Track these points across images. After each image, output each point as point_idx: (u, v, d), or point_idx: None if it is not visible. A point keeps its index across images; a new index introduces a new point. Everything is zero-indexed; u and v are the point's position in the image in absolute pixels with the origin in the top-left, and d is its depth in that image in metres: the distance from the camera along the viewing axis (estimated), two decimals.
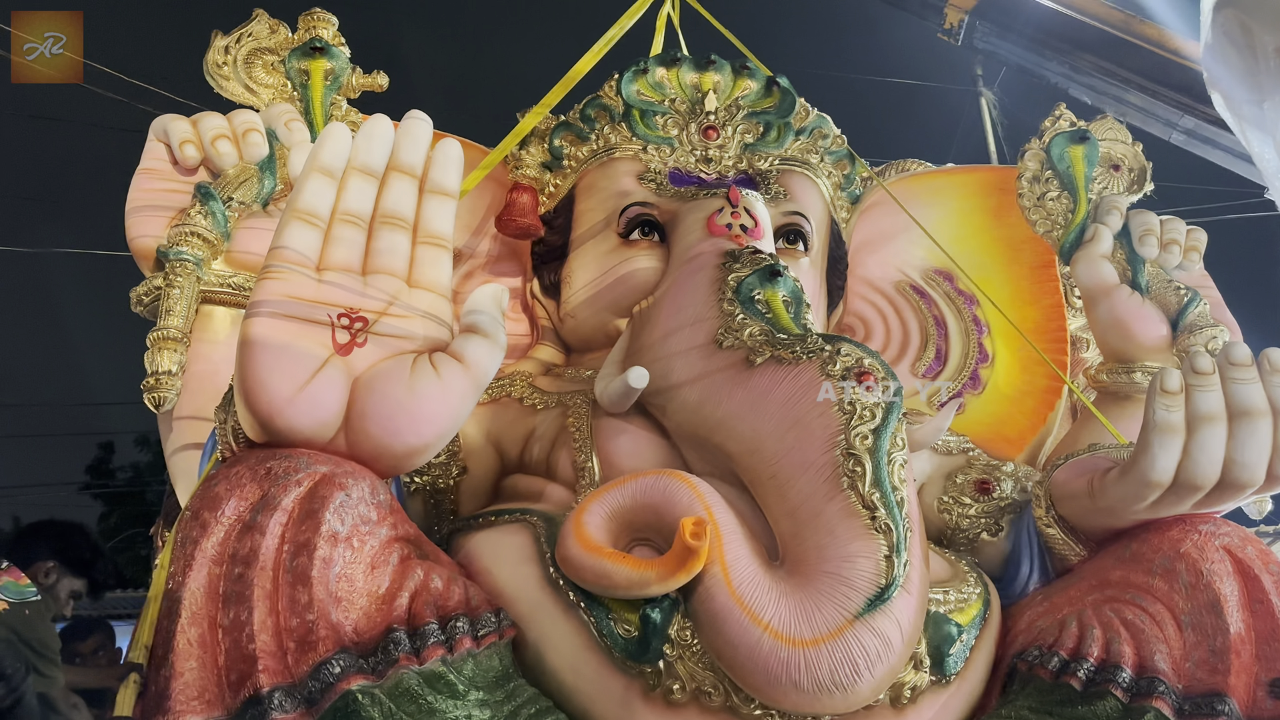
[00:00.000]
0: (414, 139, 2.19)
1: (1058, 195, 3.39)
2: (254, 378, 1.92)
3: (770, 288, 2.43)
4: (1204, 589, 2.10)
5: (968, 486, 2.77)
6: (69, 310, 14.13)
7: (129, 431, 17.21)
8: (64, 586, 2.05)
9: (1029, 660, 2.15)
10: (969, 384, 3.27)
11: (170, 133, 2.77)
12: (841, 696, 1.84)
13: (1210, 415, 2.10)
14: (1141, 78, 5.01)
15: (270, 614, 1.77)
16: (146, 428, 16.81)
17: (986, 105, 8.18)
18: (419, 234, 2.17)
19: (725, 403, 2.23)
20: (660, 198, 2.97)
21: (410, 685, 1.77)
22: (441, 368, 2.02)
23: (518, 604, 2.09)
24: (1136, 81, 5.07)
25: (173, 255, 2.53)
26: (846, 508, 1.95)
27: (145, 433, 16.99)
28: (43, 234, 13.65)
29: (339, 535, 1.84)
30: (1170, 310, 3.10)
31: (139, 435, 17.12)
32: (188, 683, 1.72)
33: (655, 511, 2.04)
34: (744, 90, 3.27)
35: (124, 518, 16.50)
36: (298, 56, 3.06)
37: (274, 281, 1.99)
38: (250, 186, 2.71)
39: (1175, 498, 2.17)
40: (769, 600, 1.89)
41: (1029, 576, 2.54)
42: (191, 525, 1.84)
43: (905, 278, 3.46)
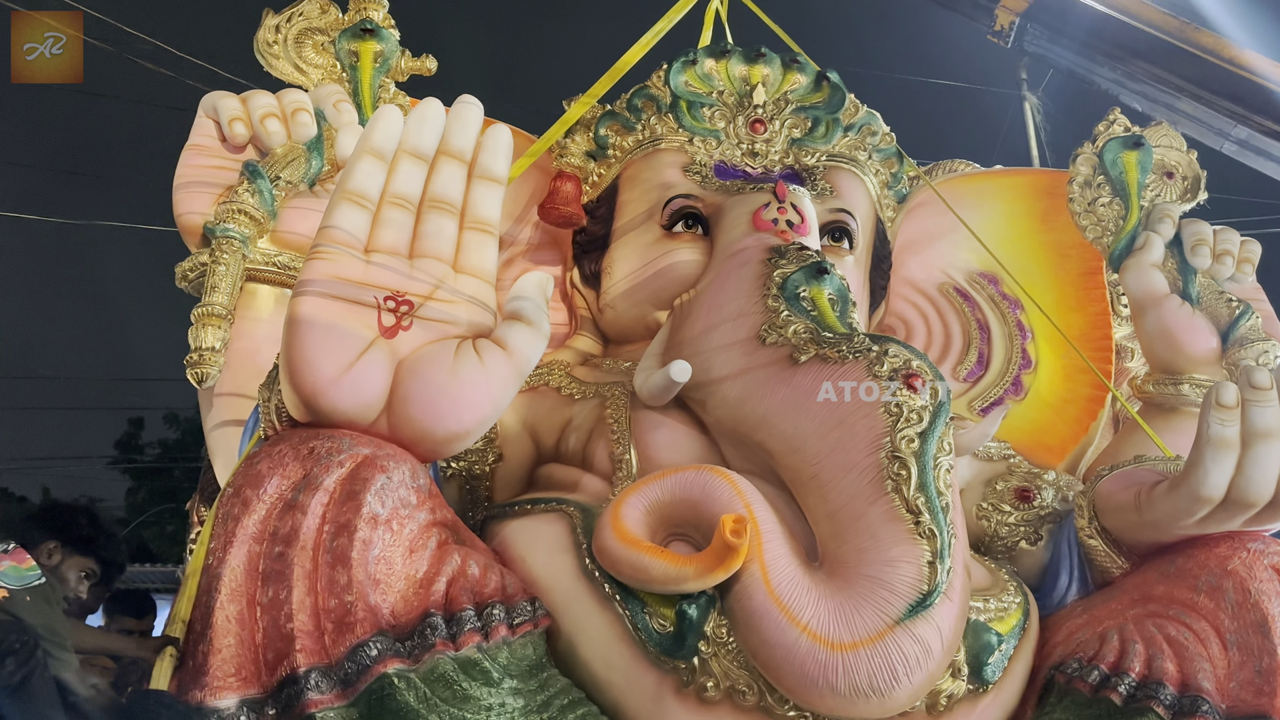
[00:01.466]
0: (465, 124, 2.19)
1: (1109, 201, 3.32)
2: (300, 357, 1.92)
3: (816, 285, 2.40)
4: (1251, 608, 2.05)
5: (1008, 494, 2.74)
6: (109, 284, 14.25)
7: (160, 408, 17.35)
8: (71, 566, 2.06)
9: (1068, 673, 2.12)
10: (1011, 389, 3.22)
11: (219, 110, 2.78)
12: (878, 702, 1.82)
13: (1267, 432, 2.05)
14: (1195, 86, 4.91)
15: (309, 594, 1.77)
16: (178, 404, 16.91)
17: (1030, 109, 8.07)
18: (466, 219, 2.17)
19: (767, 400, 2.21)
20: (705, 190, 2.95)
21: (446, 671, 1.77)
22: (485, 354, 2.02)
23: (552, 593, 2.08)
24: (1189, 90, 4.97)
25: (219, 232, 2.55)
26: (890, 511, 1.92)
27: (175, 409, 17.10)
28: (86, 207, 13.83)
29: (379, 518, 1.84)
30: (1221, 322, 3.04)
31: (169, 412, 17.26)
32: (225, 659, 1.73)
33: (694, 507, 2.02)
34: (793, 84, 3.23)
35: (151, 493, 16.63)
36: (348, 38, 3.06)
37: (322, 262, 1.99)
38: (298, 166, 2.72)
39: (1226, 514, 2.12)
40: (808, 601, 1.87)
41: (1068, 587, 2.50)
42: (233, 502, 1.84)
43: (949, 279, 3.41)
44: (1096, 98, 5.58)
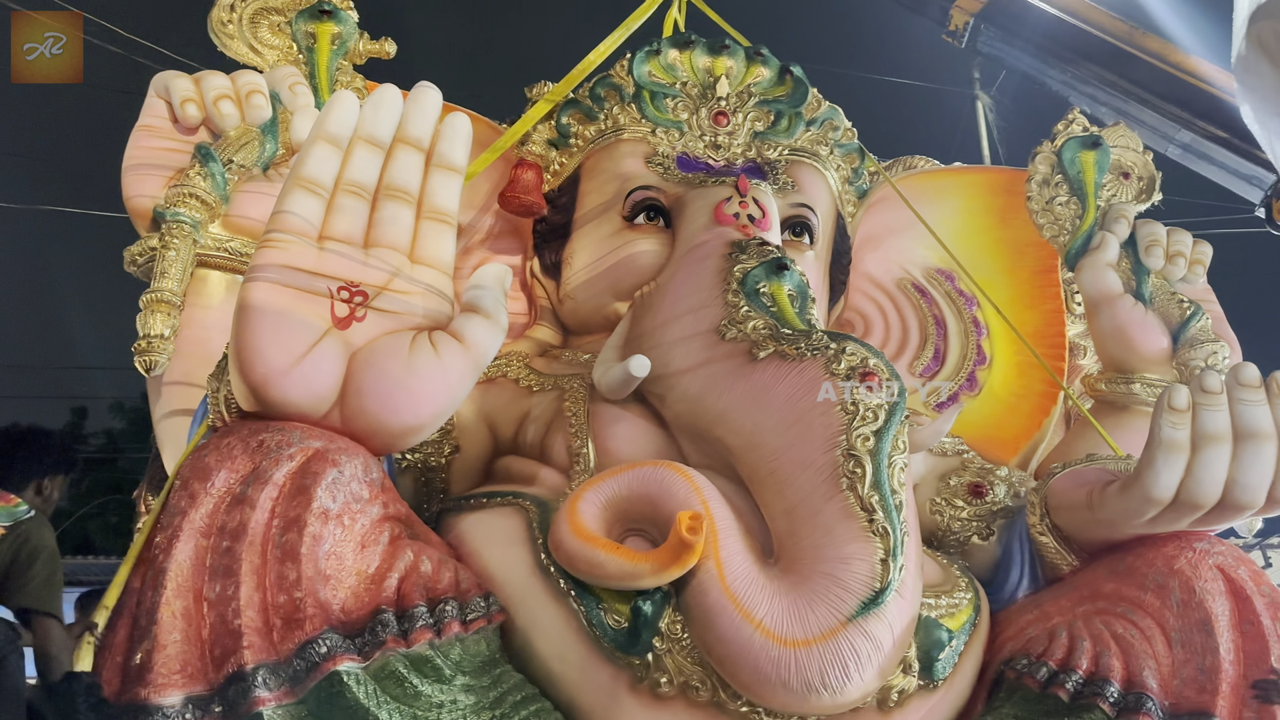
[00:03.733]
0: (423, 111, 2.14)
1: (1066, 200, 3.36)
2: (250, 347, 1.88)
3: (776, 281, 2.40)
4: (1196, 607, 2.09)
5: (961, 489, 2.76)
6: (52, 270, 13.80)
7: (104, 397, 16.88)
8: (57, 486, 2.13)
9: (1017, 669, 2.14)
10: (966, 385, 3.25)
11: (172, 90, 2.71)
12: (830, 698, 1.83)
13: (1216, 435, 2.08)
14: (1142, 90, 4.99)
15: (258, 590, 1.74)
16: (122, 393, 16.46)
17: (983, 109, 8.15)
18: (423, 208, 2.13)
19: (726, 395, 2.21)
20: (667, 182, 2.93)
21: (396, 668, 1.74)
22: (441, 347, 1.99)
23: (507, 588, 2.07)
24: (1136, 94, 5.04)
25: (170, 216, 2.48)
26: (845, 509, 1.93)
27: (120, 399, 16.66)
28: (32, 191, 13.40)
29: (330, 512, 1.80)
30: (1172, 323, 3.08)
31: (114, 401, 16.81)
32: (170, 655, 1.69)
33: (651, 503, 2.02)
34: (757, 77, 3.23)
35: (96, 484, 16.15)
36: (305, 19, 3.00)
37: (274, 249, 1.94)
38: (251, 149, 2.65)
39: (1175, 515, 2.16)
40: (762, 598, 1.87)
41: (1019, 582, 2.53)
42: (180, 495, 1.80)
43: (907, 275, 3.43)
44: (1048, 99, 5.65)
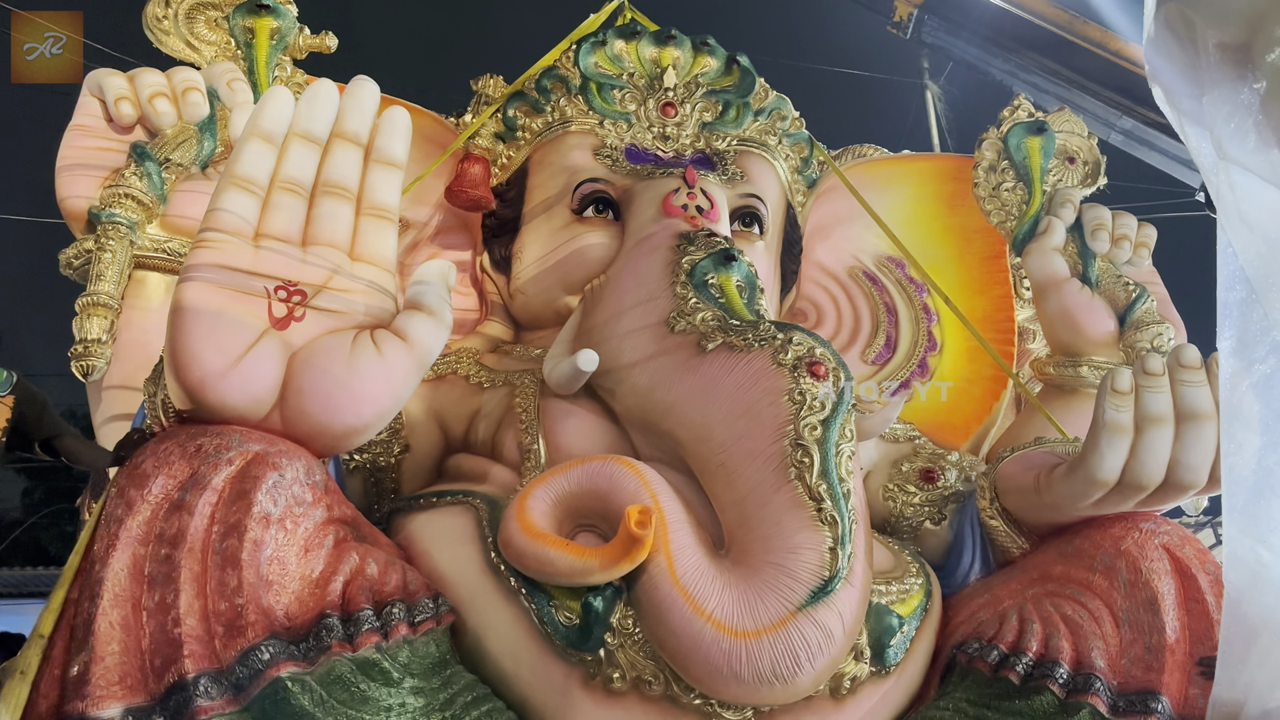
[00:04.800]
0: (360, 105, 2.11)
1: (1013, 186, 3.39)
2: (186, 349, 1.84)
3: (724, 272, 2.39)
4: (1142, 587, 2.11)
5: (913, 475, 2.78)
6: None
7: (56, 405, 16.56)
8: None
9: (969, 652, 2.16)
10: (917, 371, 3.27)
11: (105, 88, 2.65)
12: (782, 688, 1.83)
13: (1159, 417, 2.10)
14: (1083, 78, 5.05)
15: (198, 597, 1.70)
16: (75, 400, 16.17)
17: (931, 98, 8.19)
18: (363, 205, 2.09)
19: (675, 388, 2.20)
20: (615, 174, 2.92)
21: (342, 673, 1.72)
22: (383, 345, 1.96)
23: (458, 588, 2.05)
24: (1078, 82, 5.11)
25: (105, 217, 2.43)
26: (793, 498, 1.93)
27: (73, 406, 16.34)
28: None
29: (271, 517, 1.77)
30: (1119, 305, 3.12)
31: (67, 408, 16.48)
32: (109, 667, 1.65)
33: (601, 498, 2.00)
34: (704, 67, 3.22)
35: (49, 492, 15.79)
36: (242, 13, 2.94)
37: (208, 249, 1.90)
38: (189, 148, 2.61)
39: (1120, 496, 2.18)
40: (713, 590, 1.87)
41: (970, 566, 2.56)
42: (116, 503, 1.76)
43: (858, 263, 3.45)
44: (993, 88, 5.71)
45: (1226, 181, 1.30)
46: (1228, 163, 1.28)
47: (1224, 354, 1.60)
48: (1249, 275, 1.37)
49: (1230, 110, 1.29)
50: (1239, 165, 1.27)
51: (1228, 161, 1.28)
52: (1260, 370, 1.40)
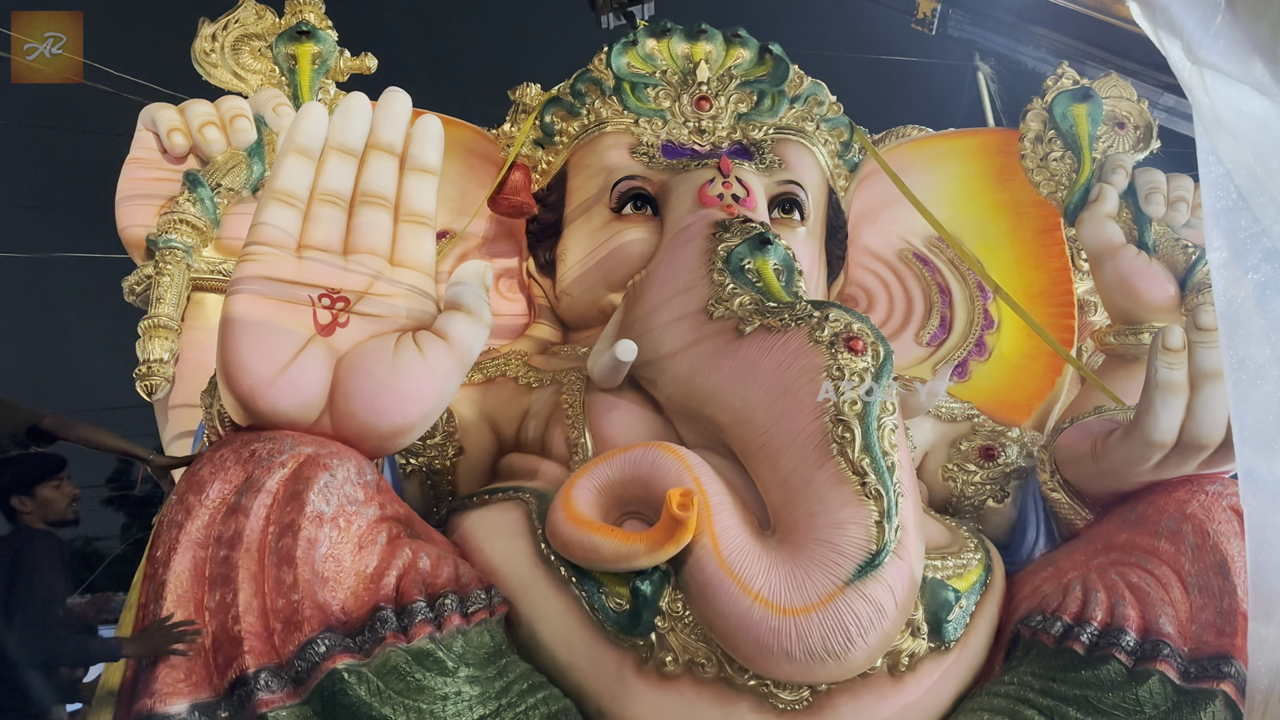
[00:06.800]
0: (392, 116, 2.17)
1: (1061, 155, 3.31)
2: (235, 359, 1.91)
3: (761, 256, 2.39)
4: (1211, 550, 2.04)
5: (972, 453, 2.73)
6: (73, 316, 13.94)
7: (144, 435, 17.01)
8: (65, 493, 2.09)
9: (1032, 626, 2.11)
10: (975, 350, 3.22)
11: (158, 121, 2.77)
12: (835, 664, 1.81)
13: (1215, 373, 2.03)
14: (1120, 58, 4.88)
15: (256, 595, 1.76)
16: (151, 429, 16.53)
17: (984, 80, 7.92)
18: (400, 212, 2.16)
19: (715, 374, 2.20)
20: (652, 170, 2.94)
21: (398, 663, 1.76)
22: (425, 346, 2.01)
23: (510, 580, 2.07)
24: (1115, 62, 4.94)
25: (162, 243, 2.54)
26: (836, 474, 1.92)
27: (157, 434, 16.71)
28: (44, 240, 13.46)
29: (324, 516, 1.83)
30: (1178, 269, 3.03)
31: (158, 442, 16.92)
32: (174, 665, 1.71)
33: (644, 484, 2.01)
34: (736, 59, 3.22)
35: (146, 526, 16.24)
36: (285, 41, 3.05)
37: (253, 263, 1.98)
38: (239, 172, 2.71)
39: (1180, 458, 2.12)
40: (759, 569, 1.86)
41: (1035, 542, 2.50)
42: (176, 509, 1.83)
43: (908, 245, 3.40)
44: (1027, 76, 5.55)
45: (1202, 86, 1.26)
46: (1201, 67, 1.24)
47: (1215, 266, 1.53)
48: (1236, 183, 1.32)
49: (1201, 14, 1.25)
50: (1212, 69, 1.23)
51: (1200, 66, 1.24)
52: (1254, 279, 1.34)
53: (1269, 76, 1.25)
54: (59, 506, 1.96)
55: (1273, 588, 1.48)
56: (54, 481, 1.96)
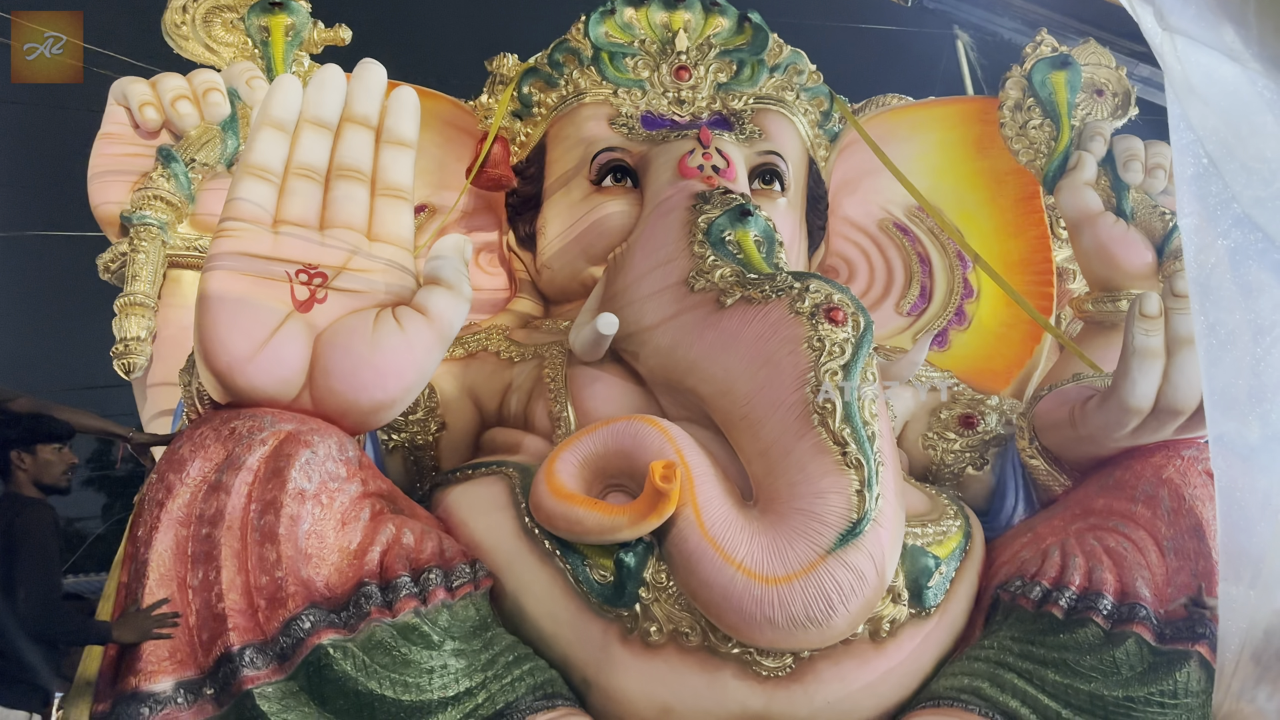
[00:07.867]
0: (367, 88, 2.14)
1: (1040, 123, 3.31)
2: (212, 337, 1.90)
3: (741, 228, 2.39)
4: (1186, 514, 2.07)
5: (951, 422, 2.74)
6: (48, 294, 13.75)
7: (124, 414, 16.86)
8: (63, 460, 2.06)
9: (1011, 590, 2.14)
10: (955, 319, 3.23)
11: (129, 95, 2.72)
12: (817, 631, 1.83)
13: (1191, 338, 2.04)
14: (1096, 28, 4.85)
15: (239, 573, 1.76)
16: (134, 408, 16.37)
17: (963, 47, 7.85)
18: (377, 186, 2.13)
19: (696, 345, 2.20)
20: (632, 142, 2.92)
21: (383, 637, 1.76)
22: (405, 321, 2.00)
23: (495, 554, 2.08)
24: (1091, 32, 4.91)
25: (136, 220, 2.51)
26: (817, 444, 1.93)
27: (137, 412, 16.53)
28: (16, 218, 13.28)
29: (306, 492, 1.82)
30: (1156, 236, 3.04)
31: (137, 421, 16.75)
32: (158, 643, 1.71)
33: (626, 456, 2.02)
34: (715, 28, 3.20)
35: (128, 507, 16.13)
36: (257, 13, 3.00)
37: (229, 239, 1.96)
38: (213, 147, 2.67)
39: (1157, 423, 2.14)
40: (742, 539, 1.88)
41: (1014, 508, 2.52)
42: (156, 488, 1.82)
43: (888, 215, 3.40)
44: (1003, 49, 5.51)
45: (1173, 52, 1.26)
46: (1172, 33, 1.24)
47: (1187, 232, 1.54)
48: (1207, 149, 1.33)
49: None
50: (1184, 35, 1.23)
51: (1172, 32, 1.24)
52: (1225, 245, 1.35)
53: (1239, 42, 1.26)
54: (55, 470, 1.94)
55: (1242, 549, 1.50)
56: (56, 445, 1.95)
